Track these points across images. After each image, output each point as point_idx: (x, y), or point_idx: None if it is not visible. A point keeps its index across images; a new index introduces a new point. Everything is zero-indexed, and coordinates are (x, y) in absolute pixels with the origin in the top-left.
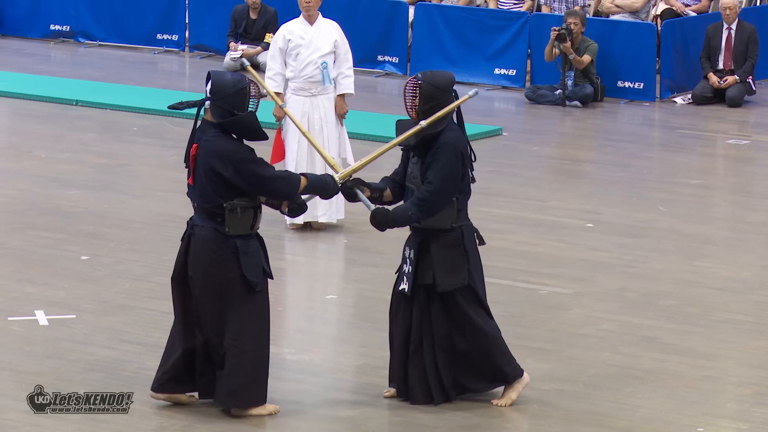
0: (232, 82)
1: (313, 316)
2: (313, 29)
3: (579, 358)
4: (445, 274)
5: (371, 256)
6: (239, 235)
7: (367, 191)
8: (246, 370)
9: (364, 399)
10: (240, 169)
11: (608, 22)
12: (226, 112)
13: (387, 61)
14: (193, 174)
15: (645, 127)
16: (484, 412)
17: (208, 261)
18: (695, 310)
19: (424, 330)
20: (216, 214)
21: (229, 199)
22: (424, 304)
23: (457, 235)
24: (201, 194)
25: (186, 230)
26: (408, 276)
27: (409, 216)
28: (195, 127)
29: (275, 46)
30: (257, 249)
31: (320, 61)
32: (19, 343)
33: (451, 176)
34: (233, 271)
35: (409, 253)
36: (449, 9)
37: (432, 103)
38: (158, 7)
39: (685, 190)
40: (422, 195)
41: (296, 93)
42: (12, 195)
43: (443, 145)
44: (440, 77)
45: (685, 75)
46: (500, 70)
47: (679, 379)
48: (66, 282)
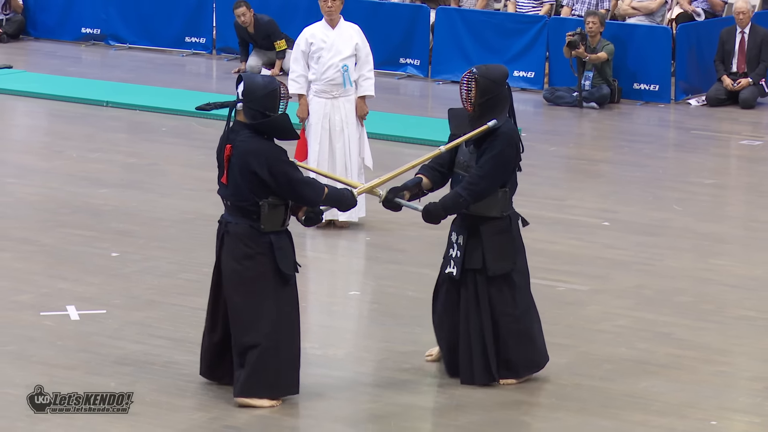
0: (263, 84)
1: (335, 312)
2: (334, 33)
3: (596, 353)
4: (495, 259)
5: (393, 254)
6: (273, 231)
7: (407, 194)
8: (280, 359)
9: (386, 393)
10: (273, 169)
11: (625, 26)
12: (258, 113)
13: (409, 64)
14: (227, 173)
15: (660, 128)
16: (501, 406)
17: (244, 257)
18: (709, 306)
19: (471, 313)
20: (251, 212)
21: (264, 197)
22: (473, 288)
23: (506, 223)
24: (235, 193)
25: (219, 229)
26: (457, 260)
27: (459, 201)
28: (228, 128)
29: (298, 49)
30: (288, 244)
31: (341, 64)
32: (51, 338)
33: (504, 164)
34: (267, 265)
35: (457, 239)
36: (469, 13)
37: (488, 96)
38: (186, 10)
39: (700, 189)
40: (473, 179)
41: (318, 95)
42: (44, 193)
43: (502, 134)
44: (494, 71)
45: (700, 77)
46: (519, 72)
47: (693, 373)
48: (96, 278)
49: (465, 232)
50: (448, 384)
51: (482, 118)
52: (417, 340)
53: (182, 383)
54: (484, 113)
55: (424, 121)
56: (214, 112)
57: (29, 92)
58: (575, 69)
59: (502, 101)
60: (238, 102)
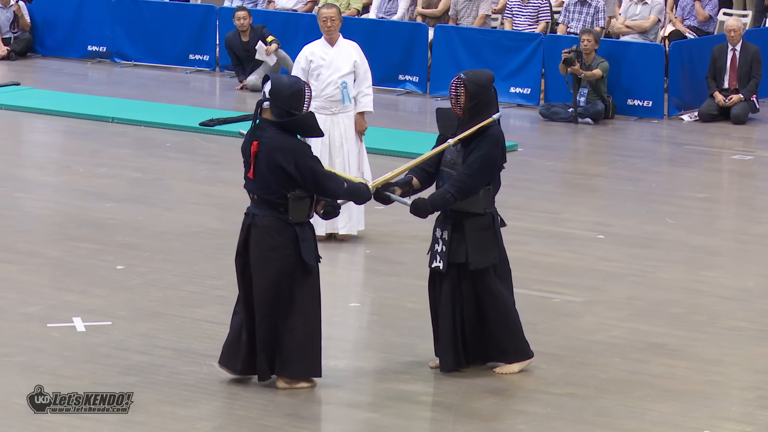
0: (289, 84)
1: (336, 323)
2: (333, 50)
3: (590, 363)
4: (478, 254)
5: (392, 266)
6: (298, 222)
7: (398, 190)
8: (305, 344)
9: (386, 402)
10: (300, 163)
11: (619, 43)
12: (284, 111)
13: (407, 81)
14: (254, 168)
15: (654, 143)
16: (498, 415)
17: (270, 248)
18: (701, 317)
19: (453, 304)
20: (278, 204)
21: (291, 190)
22: (455, 281)
23: (489, 220)
24: (263, 186)
25: (245, 220)
26: (442, 255)
27: (447, 198)
28: (254, 125)
29: (298, 66)
30: (312, 236)
31: (340, 81)
32: (57, 349)
33: (490, 163)
34: (292, 255)
35: (442, 234)
36: (467, 31)
37: (476, 100)
38: (190, 29)
39: (692, 203)
40: (460, 177)
41: (318, 111)
42: (51, 207)
43: (489, 135)
44: (481, 75)
45: (692, 94)
46: (515, 88)
47: (686, 383)
48: (102, 290)
49: (449, 228)
50: (446, 394)
51: (471, 121)
52: (416, 351)
53: (186, 393)
54: (473, 116)
55: (423, 136)
56: (217, 128)
57: (37, 109)
58: (571, 85)
59: (490, 104)
60: (265, 101)
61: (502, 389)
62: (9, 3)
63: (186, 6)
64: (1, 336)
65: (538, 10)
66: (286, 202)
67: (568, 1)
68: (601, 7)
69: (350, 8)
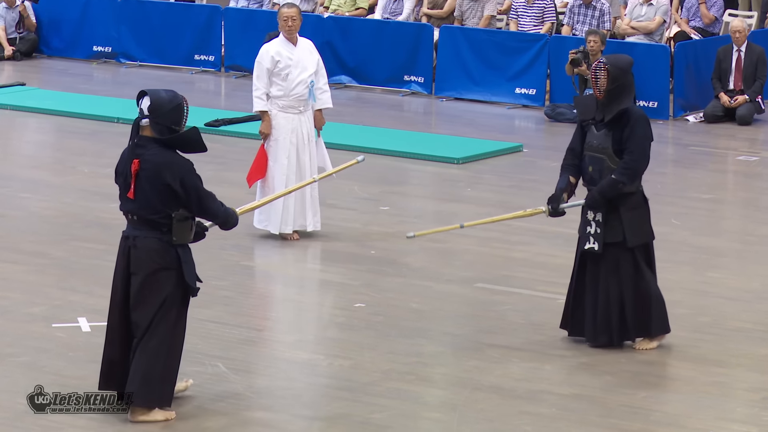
0: (168, 98)
1: (342, 324)
2: (297, 50)
3: (596, 364)
4: (635, 232)
5: (398, 267)
6: (181, 243)
7: (565, 197)
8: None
9: (391, 403)
10: (185, 180)
11: (624, 44)
12: (165, 128)
13: (413, 81)
14: (135, 188)
15: (659, 144)
16: (503, 415)
17: (152, 270)
18: (707, 318)
19: (611, 283)
20: (160, 224)
21: (175, 209)
22: (613, 260)
23: (641, 197)
24: (145, 206)
25: (123, 243)
26: (597, 236)
27: (617, 186)
28: (132, 143)
29: (262, 66)
30: (191, 258)
31: (309, 80)
32: (62, 349)
33: (649, 143)
34: (174, 278)
35: (594, 216)
36: (472, 31)
37: (617, 83)
38: (195, 29)
39: (697, 204)
40: (627, 163)
41: (285, 111)
42: (57, 208)
43: (639, 117)
44: (621, 59)
45: (697, 95)
46: (521, 89)
47: (691, 384)
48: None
49: (603, 209)
50: (451, 395)
51: (610, 104)
52: (421, 352)
53: (191, 392)
54: (612, 99)
55: (428, 137)
56: (222, 128)
57: (42, 109)
58: (577, 86)
59: (628, 87)
60: (144, 118)
61: (507, 390)
62: (15, 3)
63: (191, 6)
64: (6, 336)
65: (544, 10)
66: (170, 222)
67: (573, 3)
68: (606, 9)
69: (357, 8)
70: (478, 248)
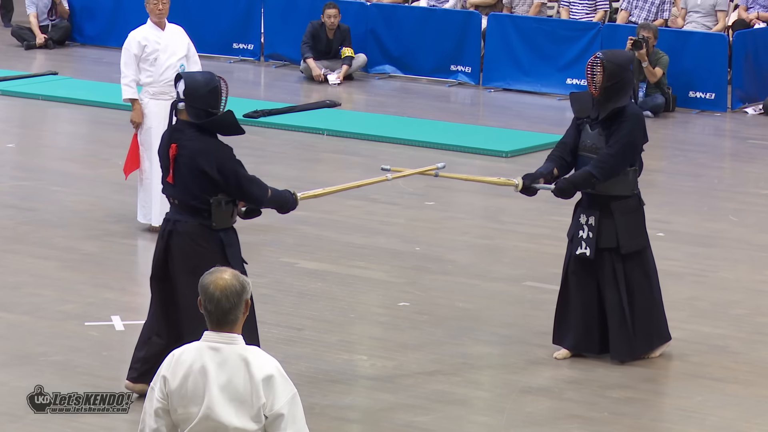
0: (204, 81)
1: (385, 323)
2: (166, 34)
3: (649, 366)
4: (629, 237)
5: (443, 264)
6: (222, 228)
7: (542, 180)
8: None
9: (435, 405)
10: (223, 167)
11: (680, 33)
12: (202, 111)
13: (460, 71)
14: (173, 173)
15: (716, 137)
16: (555, 420)
17: (195, 255)
18: (765, 319)
19: (609, 291)
20: (201, 210)
21: (213, 195)
22: (609, 266)
23: (636, 201)
24: (184, 191)
25: (164, 227)
26: (589, 241)
27: (589, 180)
28: (171, 128)
29: (129, 52)
30: (237, 241)
31: (179, 64)
32: (95, 348)
33: (632, 144)
34: (218, 262)
35: (587, 220)
36: (522, 20)
37: (614, 80)
38: (234, 17)
39: (756, 200)
40: (602, 158)
41: (156, 97)
42: (90, 202)
43: (630, 116)
44: (620, 55)
45: (757, 86)
46: (572, 80)
47: (749, 387)
48: (141, 288)
49: (596, 213)
50: (498, 397)
51: (608, 102)
52: (467, 353)
53: None
54: (609, 97)
55: (476, 129)
56: (262, 120)
57: (75, 99)
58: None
59: (626, 85)
60: (180, 101)
61: (557, 393)
62: None
63: None
64: (38, 335)
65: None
66: (209, 207)
67: None
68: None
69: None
70: (527, 245)
